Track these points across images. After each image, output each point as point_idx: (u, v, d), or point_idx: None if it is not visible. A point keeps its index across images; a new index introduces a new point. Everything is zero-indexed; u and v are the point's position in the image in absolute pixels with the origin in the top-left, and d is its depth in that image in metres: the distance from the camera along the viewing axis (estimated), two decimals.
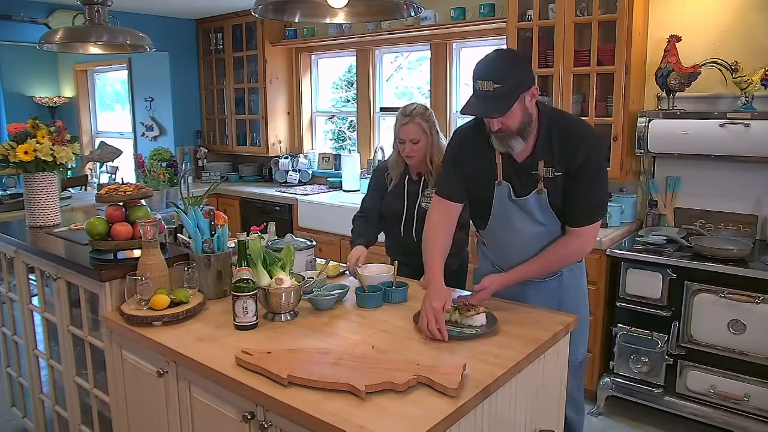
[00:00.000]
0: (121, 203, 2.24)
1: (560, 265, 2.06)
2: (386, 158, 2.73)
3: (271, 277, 1.89)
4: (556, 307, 2.05)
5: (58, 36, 2.85)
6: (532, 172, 1.95)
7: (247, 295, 1.79)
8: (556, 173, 1.92)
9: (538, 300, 2.08)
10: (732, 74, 2.93)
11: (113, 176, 6.12)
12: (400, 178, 2.57)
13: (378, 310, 2.00)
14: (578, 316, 1.98)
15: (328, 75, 5.38)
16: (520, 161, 1.97)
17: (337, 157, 5.09)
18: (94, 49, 3.15)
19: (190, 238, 2.12)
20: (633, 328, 2.94)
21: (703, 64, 3.02)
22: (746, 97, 2.92)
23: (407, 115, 2.43)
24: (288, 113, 5.35)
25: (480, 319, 1.80)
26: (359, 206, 2.72)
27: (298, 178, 5.12)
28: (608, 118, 3.22)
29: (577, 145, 1.90)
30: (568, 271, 2.12)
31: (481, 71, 1.82)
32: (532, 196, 1.96)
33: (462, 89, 4.35)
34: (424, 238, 2.11)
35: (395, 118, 2.50)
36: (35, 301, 2.59)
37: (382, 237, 2.71)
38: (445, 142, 2.46)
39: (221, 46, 5.42)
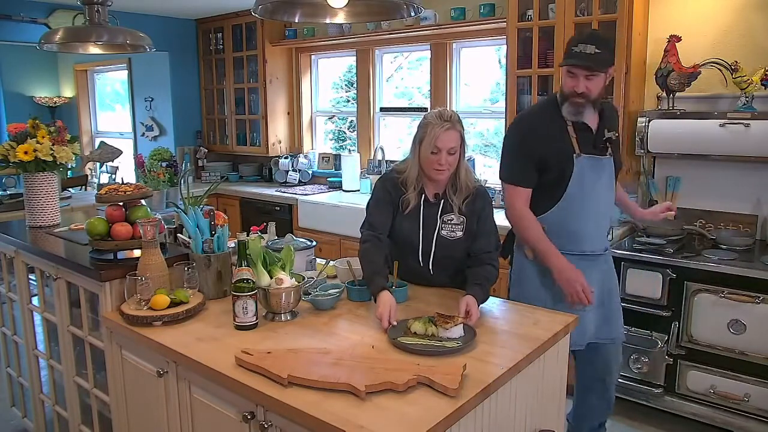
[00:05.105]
0: (121, 203, 2.24)
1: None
2: (398, 168, 2.19)
3: (271, 277, 1.89)
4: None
5: (58, 36, 2.85)
6: (603, 138, 2.23)
7: (247, 295, 1.79)
8: (616, 135, 2.26)
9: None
10: (732, 74, 2.93)
11: (113, 176, 6.12)
12: (416, 199, 2.12)
13: None
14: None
15: (328, 75, 5.37)
16: (594, 129, 2.24)
17: (337, 157, 5.09)
18: (94, 49, 3.15)
19: (190, 238, 2.12)
20: (633, 328, 2.93)
21: (703, 64, 3.02)
22: (746, 97, 2.92)
23: (447, 120, 2.02)
24: (288, 113, 5.35)
25: (458, 331, 1.72)
26: (366, 220, 2.16)
27: (298, 178, 5.12)
28: None
29: (617, 113, 2.42)
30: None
31: (586, 38, 2.12)
32: (606, 159, 2.25)
33: (462, 89, 4.35)
34: (528, 228, 2.26)
35: (425, 123, 2.06)
36: (35, 301, 2.59)
37: None
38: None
39: (221, 46, 5.41)
